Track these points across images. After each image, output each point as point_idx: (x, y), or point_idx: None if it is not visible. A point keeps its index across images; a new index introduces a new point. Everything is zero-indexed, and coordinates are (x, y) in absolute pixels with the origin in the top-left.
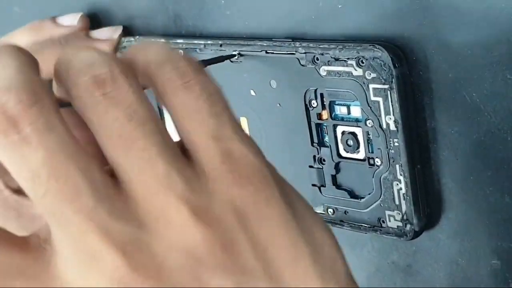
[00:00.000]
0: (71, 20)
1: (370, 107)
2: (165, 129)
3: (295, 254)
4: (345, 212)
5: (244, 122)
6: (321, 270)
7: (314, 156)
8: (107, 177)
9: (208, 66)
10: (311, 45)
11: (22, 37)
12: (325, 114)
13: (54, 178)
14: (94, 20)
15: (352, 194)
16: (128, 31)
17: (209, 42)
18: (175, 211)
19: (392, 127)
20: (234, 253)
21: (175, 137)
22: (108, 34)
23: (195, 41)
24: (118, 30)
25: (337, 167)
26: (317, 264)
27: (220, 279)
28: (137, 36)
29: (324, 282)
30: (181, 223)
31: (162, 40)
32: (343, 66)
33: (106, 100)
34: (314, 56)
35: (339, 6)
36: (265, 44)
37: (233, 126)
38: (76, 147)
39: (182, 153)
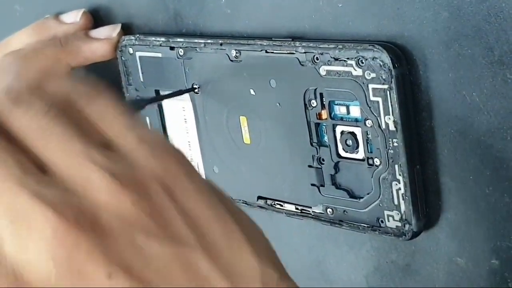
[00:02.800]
0: (74, 17)
1: (370, 107)
2: (81, 120)
3: (226, 228)
4: (344, 211)
5: (243, 121)
6: (256, 249)
7: (313, 156)
8: (33, 165)
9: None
10: (311, 44)
11: (26, 37)
12: (324, 114)
13: None
14: (95, 19)
15: (351, 194)
16: (128, 30)
17: (209, 41)
18: (99, 178)
19: (392, 127)
20: (165, 220)
21: (181, 136)
22: (107, 32)
23: (195, 40)
24: (117, 28)
25: (336, 167)
26: (251, 242)
27: (155, 244)
28: (138, 35)
29: (261, 262)
30: (108, 189)
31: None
32: (343, 66)
33: (22, 106)
34: (314, 56)
35: (339, 5)
36: (265, 44)
37: (143, 122)
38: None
39: None
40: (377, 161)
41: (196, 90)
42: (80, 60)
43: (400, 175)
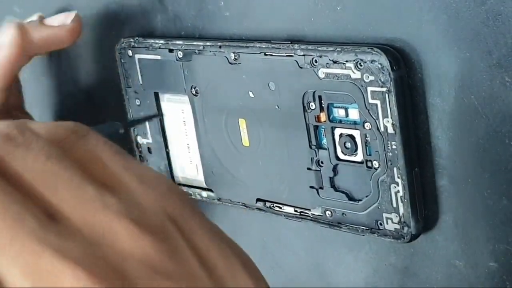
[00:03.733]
0: (63, 19)
1: (368, 110)
2: (83, 163)
3: (230, 263)
4: (343, 214)
5: (242, 124)
6: (251, 273)
7: (312, 158)
8: (43, 216)
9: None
10: (309, 47)
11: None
12: (323, 117)
13: None
14: (93, 21)
15: (350, 197)
16: (127, 32)
17: (208, 43)
18: (118, 224)
19: (390, 130)
20: (181, 260)
21: (180, 138)
22: (61, 19)
23: (194, 43)
24: (71, 15)
25: (335, 170)
26: (249, 274)
27: (174, 286)
28: (136, 37)
29: (257, 283)
30: (129, 234)
31: (161, 41)
32: (342, 68)
33: (21, 149)
34: (313, 59)
35: (338, 8)
36: (263, 46)
37: (135, 160)
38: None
39: None
40: (375, 164)
41: (194, 93)
42: (36, 48)
43: (398, 177)
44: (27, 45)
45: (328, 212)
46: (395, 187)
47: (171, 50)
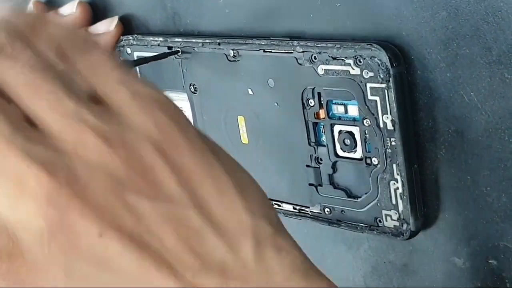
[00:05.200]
0: (70, 8)
1: (368, 106)
2: (70, 75)
3: (219, 184)
4: (342, 211)
5: (241, 121)
6: (249, 204)
7: (311, 155)
8: (24, 119)
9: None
10: (309, 44)
11: None
12: (322, 113)
13: None
14: (93, 18)
15: (349, 194)
16: (126, 30)
17: (207, 40)
18: (90, 138)
19: (389, 126)
20: (155, 178)
21: None
22: (104, 27)
23: (193, 40)
24: (114, 21)
25: (334, 167)
26: (243, 197)
27: (146, 203)
28: (135, 35)
29: (254, 217)
30: (98, 149)
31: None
32: (341, 65)
33: (8, 59)
34: (312, 55)
35: (337, 5)
36: (263, 43)
37: (134, 74)
38: None
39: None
40: (375, 161)
41: (193, 90)
42: None
43: (398, 174)
44: None
45: (327, 210)
46: (394, 184)
47: (170, 48)
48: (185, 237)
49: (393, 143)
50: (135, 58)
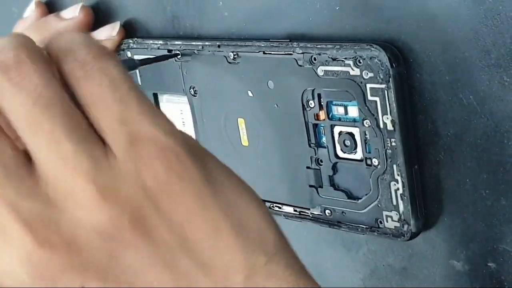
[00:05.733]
0: (73, 12)
1: (368, 107)
2: (75, 111)
3: (214, 228)
4: (343, 213)
5: (241, 123)
6: (245, 242)
7: (311, 157)
8: (21, 158)
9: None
10: (308, 45)
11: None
12: (322, 115)
13: None
14: (94, 22)
15: (350, 195)
16: (126, 33)
17: (207, 43)
18: (81, 190)
19: (390, 126)
20: (146, 229)
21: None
22: (106, 33)
23: (193, 43)
24: (116, 26)
25: (334, 168)
26: (239, 237)
27: (135, 254)
28: (135, 38)
29: (248, 253)
30: (88, 202)
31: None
32: (341, 66)
33: (12, 85)
34: (312, 56)
35: (337, 8)
36: (262, 45)
37: (141, 108)
38: None
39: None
40: (375, 161)
41: (193, 93)
42: None
43: (398, 175)
44: None
45: (327, 211)
46: (395, 184)
47: (169, 51)
48: (173, 279)
49: (393, 144)
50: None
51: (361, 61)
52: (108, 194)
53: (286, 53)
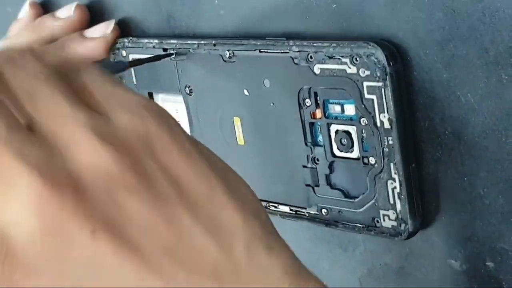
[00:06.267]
0: (68, 11)
1: (364, 105)
2: (70, 86)
3: (209, 184)
4: (339, 212)
5: (237, 122)
6: (240, 205)
7: (308, 156)
8: (23, 124)
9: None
10: (304, 43)
11: (25, 36)
12: (318, 113)
13: None
14: (90, 21)
15: (346, 194)
16: (121, 32)
17: (202, 42)
18: (82, 137)
19: (386, 125)
20: (146, 176)
21: None
22: (101, 31)
23: (189, 41)
24: (110, 25)
25: (331, 167)
26: (234, 199)
27: (137, 201)
28: (131, 37)
29: (245, 217)
30: (90, 146)
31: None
32: (337, 64)
33: (16, 67)
34: (308, 54)
35: (333, 6)
36: (258, 43)
37: (127, 88)
38: None
39: None
40: (372, 160)
41: (189, 92)
42: None
43: (395, 173)
44: None
45: (324, 210)
46: (392, 183)
47: (165, 50)
48: (176, 237)
49: (390, 142)
50: (130, 60)
51: (357, 59)
52: (108, 138)
53: (282, 51)
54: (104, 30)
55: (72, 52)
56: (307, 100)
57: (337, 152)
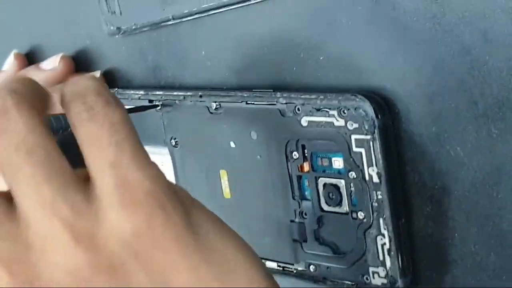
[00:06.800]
0: (53, 63)
1: (353, 159)
2: (59, 157)
3: (197, 277)
4: (328, 268)
5: (223, 175)
6: None
7: (295, 210)
8: (4, 201)
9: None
10: (292, 95)
11: None
12: (306, 166)
13: None
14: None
15: (335, 250)
16: (107, 83)
17: (188, 93)
18: (59, 234)
19: (375, 179)
20: (124, 276)
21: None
22: (51, 64)
23: (175, 93)
24: (58, 57)
25: (319, 221)
26: (223, 285)
27: None
28: (117, 89)
29: None
30: (64, 247)
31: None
32: (325, 116)
33: None
34: (295, 107)
35: (321, 58)
36: (245, 95)
37: (133, 154)
38: None
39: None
40: (361, 215)
41: (174, 144)
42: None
43: (385, 229)
44: None
45: (312, 267)
46: (381, 239)
47: (151, 101)
48: None
49: (379, 197)
50: None
51: (345, 111)
52: (84, 239)
53: (270, 103)
54: (54, 63)
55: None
56: (295, 152)
57: (325, 207)
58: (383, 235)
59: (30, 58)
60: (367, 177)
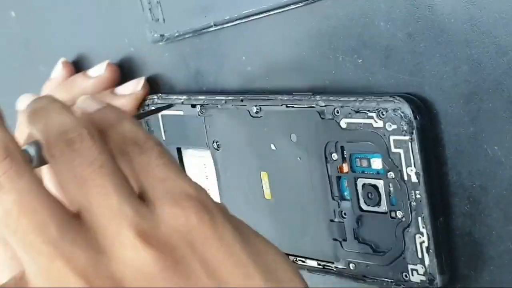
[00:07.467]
0: (99, 70)
1: (391, 159)
2: (121, 173)
3: (246, 273)
4: (367, 266)
5: (264, 177)
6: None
7: (335, 210)
8: (70, 213)
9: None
10: (331, 97)
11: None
12: (345, 167)
13: (23, 214)
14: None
15: (374, 248)
16: (150, 89)
17: (230, 97)
18: (126, 235)
19: (414, 179)
20: (185, 271)
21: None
22: (131, 88)
23: (217, 97)
24: (140, 82)
25: (358, 221)
26: (269, 284)
27: None
28: (160, 94)
29: None
30: (132, 246)
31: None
32: (364, 118)
33: (74, 153)
34: (334, 109)
35: (359, 61)
36: (285, 98)
37: (177, 172)
38: (42, 190)
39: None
40: (399, 214)
41: (216, 147)
42: None
43: (423, 227)
44: None
45: (352, 265)
46: (420, 237)
47: (193, 105)
48: None
49: (417, 196)
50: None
51: (384, 113)
52: (150, 238)
53: (309, 106)
54: (134, 87)
55: None
56: (334, 154)
57: (364, 206)
58: (422, 234)
59: (77, 66)
60: (405, 177)
